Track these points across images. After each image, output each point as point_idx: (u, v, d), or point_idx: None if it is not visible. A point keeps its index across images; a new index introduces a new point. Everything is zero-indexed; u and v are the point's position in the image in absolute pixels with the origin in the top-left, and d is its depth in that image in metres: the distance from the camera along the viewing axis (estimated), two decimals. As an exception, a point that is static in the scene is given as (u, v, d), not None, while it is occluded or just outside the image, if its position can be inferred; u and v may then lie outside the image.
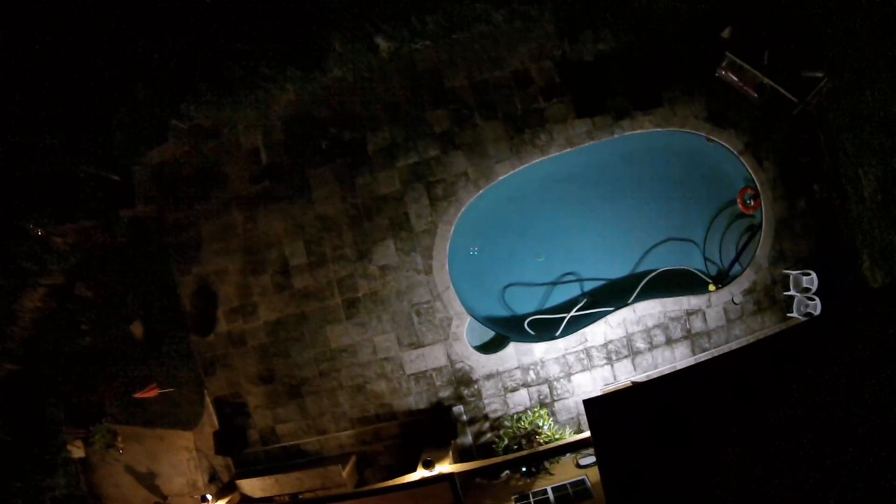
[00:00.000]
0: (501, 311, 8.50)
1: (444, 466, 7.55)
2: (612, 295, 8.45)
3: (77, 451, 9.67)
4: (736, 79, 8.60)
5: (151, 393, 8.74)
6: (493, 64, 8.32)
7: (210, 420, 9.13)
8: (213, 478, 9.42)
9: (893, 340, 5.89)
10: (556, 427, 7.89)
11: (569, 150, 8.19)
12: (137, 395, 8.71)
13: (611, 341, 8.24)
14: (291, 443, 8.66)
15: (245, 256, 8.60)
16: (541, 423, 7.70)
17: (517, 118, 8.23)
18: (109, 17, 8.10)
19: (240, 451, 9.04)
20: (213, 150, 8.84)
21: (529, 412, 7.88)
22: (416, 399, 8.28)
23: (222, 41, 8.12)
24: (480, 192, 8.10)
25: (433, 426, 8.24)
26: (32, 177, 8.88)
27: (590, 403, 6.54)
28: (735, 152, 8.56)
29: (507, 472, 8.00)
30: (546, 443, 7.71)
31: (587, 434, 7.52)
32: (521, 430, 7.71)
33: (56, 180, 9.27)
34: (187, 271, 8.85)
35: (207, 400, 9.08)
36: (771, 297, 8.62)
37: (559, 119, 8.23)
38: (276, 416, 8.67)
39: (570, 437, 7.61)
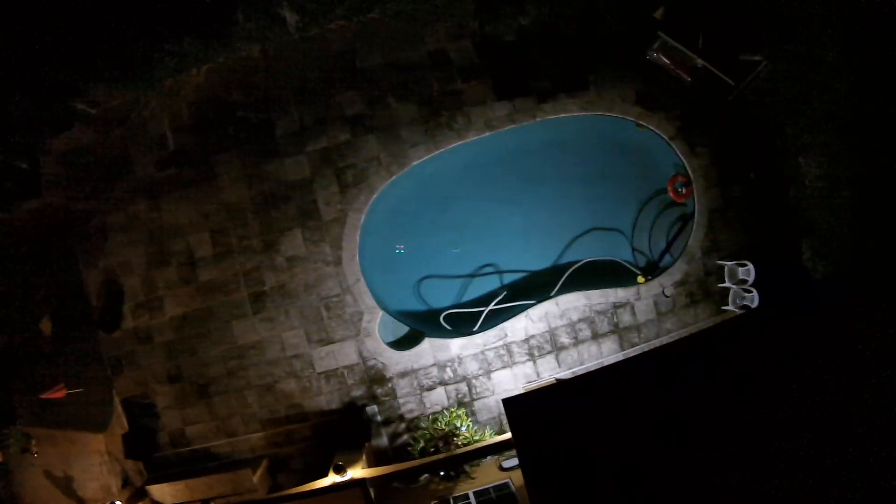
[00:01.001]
0: (416, 305, 7.70)
1: (357, 471, 6.70)
2: (535, 288, 7.67)
3: None
4: (668, 61, 7.84)
5: (59, 393, 7.84)
6: (409, 43, 7.52)
7: (120, 422, 8.26)
8: (126, 482, 8.47)
9: (838, 332, 5.15)
10: (476, 428, 7.05)
11: (488, 134, 7.39)
12: (44, 396, 7.78)
13: (533, 336, 7.41)
14: (202, 445, 7.80)
15: (150, 247, 7.77)
16: (458, 424, 6.90)
17: (433, 100, 7.45)
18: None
19: (150, 454, 8.13)
20: (120, 136, 7.97)
21: (446, 412, 7.02)
22: (327, 399, 7.43)
23: (121, 15, 7.22)
24: (393, 178, 7.30)
25: (346, 427, 7.44)
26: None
27: (510, 402, 5.94)
28: (666, 138, 7.79)
29: (427, 475, 7.11)
30: (465, 445, 6.88)
31: (509, 435, 6.65)
32: (438, 432, 6.90)
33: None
34: (93, 264, 8.01)
35: (116, 400, 8.16)
36: (705, 290, 7.83)
37: (478, 101, 7.44)
38: (185, 417, 7.79)
39: (491, 439, 6.81)
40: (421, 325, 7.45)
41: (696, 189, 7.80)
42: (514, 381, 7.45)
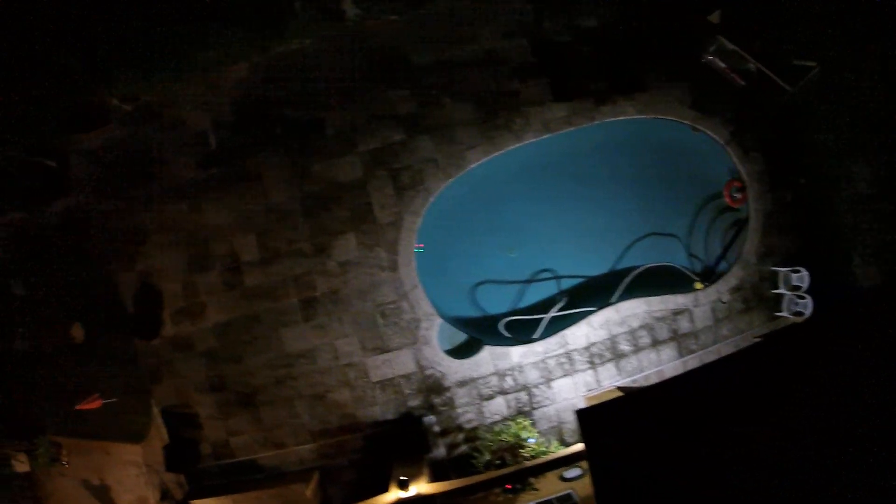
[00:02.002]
0: (473, 311, 7.15)
1: (421, 486, 6.07)
2: (592, 294, 7.19)
3: (21, 466, 7.91)
4: (724, 65, 7.29)
5: (94, 404, 7.14)
6: (463, 41, 6.86)
7: (159, 432, 7.53)
8: (164, 495, 7.73)
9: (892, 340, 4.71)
10: (542, 439, 6.43)
11: (546, 135, 6.78)
12: (79, 407, 7.02)
13: (593, 344, 6.91)
14: (247, 457, 7.16)
15: (191, 251, 7.09)
16: (524, 436, 6.27)
17: (490, 100, 6.81)
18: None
19: (192, 466, 7.39)
20: (156, 132, 7.25)
21: (511, 423, 6.42)
22: (382, 409, 6.83)
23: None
24: (451, 180, 6.69)
25: (402, 439, 6.83)
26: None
27: (584, 414, 5.43)
28: (721, 142, 7.27)
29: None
30: (532, 457, 6.30)
31: (578, 447, 6.10)
32: (504, 444, 6.29)
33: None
34: (129, 268, 7.28)
35: (154, 410, 7.44)
36: (759, 296, 7.42)
37: (535, 102, 6.90)
38: (229, 427, 7.11)
39: (560, 452, 6.27)
40: (479, 333, 6.88)
41: (751, 194, 7.34)
42: (574, 389, 6.94)
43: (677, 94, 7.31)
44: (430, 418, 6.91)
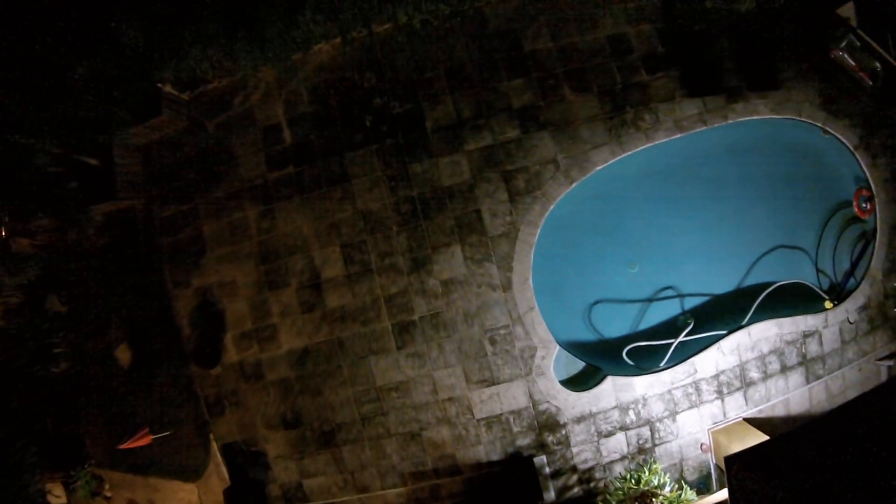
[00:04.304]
0: (589, 335, 5.70)
1: None
2: (718, 314, 5.86)
3: (56, 499, 6.07)
4: (853, 62, 5.81)
5: (143, 441, 5.52)
6: (583, 25, 5.28)
7: (218, 470, 5.86)
8: (219, 540, 5.99)
9: None
10: (674, 484, 4.90)
11: (678, 135, 5.20)
12: (124, 446, 5.30)
13: (723, 371, 5.48)
14: (324, 501, 5.43)
15: (261, 265, 5.37)
16: (656, 482, 4.73)
17: (616, 93, 5.22)
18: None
19: (254, 509, 5.67)
20: (220, 125, 5.48)
21: (646, 469, 4.89)
22: (487, 449, 5.24)
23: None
24: (574, 185, 5.10)
25: (509, 482, 5.17)
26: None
27: (733, 461, 4.18)
28: (850, 147, 5.82)
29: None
30: (668, 506, 4.79)
31: (720, 496, 4.61)
32: (633, 491, 4.73)
33: (18, 164, 5.54)
34: (185, 283, 5.56)
35: (214, 446, 5.77)
36: (883, 314, 6.01)
37: (665, 97, 5.43)
38: (303, 468, 5.45)
39: (700, 501, 4.64)
40: (597, 360, 5.30)
41: (878, 204, 5.92)
42: (699, 422, 5.51)
43: (808, 93, 5.88)
44: (541, 458, 5.39)
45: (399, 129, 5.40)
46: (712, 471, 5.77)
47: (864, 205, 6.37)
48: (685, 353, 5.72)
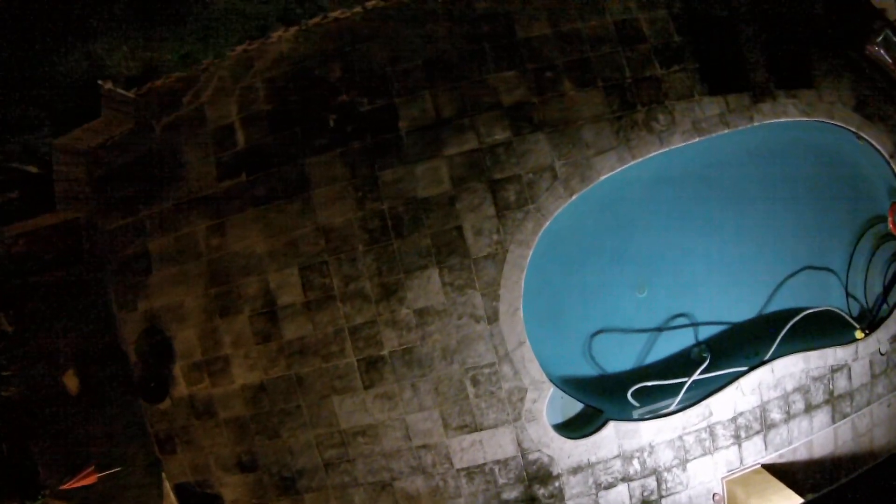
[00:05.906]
0: (589, 370, 4.61)
1: None
2: (737, 347, 4.80)
3: None
4: (890, 60, 4.65)
5: (88, 480, 4.47)
6: (586, 9, 4.07)
7: None
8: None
9: None
10: (684, 551, 3.88)
11: (697, 139, 4.06)
12: (67, 486, 4.30)
13: (741, 413, 4.47)
14: (282, 555, 4.37)
15: (210, 287, 4.29)
16: None
17: (625, 89, 4.06)
18: None
19: (208, 557, 4.67)
20: (168, 126, 4.33)
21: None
22: (467, 502, 4.16)
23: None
24: (574, 197, 3.98)
25: (492, 540, 4.11)
26: None
27: None
28: (886, 155, 4.71)
29: None
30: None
31: None
32: None
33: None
34: (131, 305, 4.41)
35: (167, 486, 4.64)
36: (916, 343, 4.81)
37: (682, 94, 4.32)
38: (259, 517, 4.33)
39: None
40: (597, 400, 4.22)
41: (914, 220, 4.80)
42: (713, 470, 4.48)
43: (840, 93, 4.72)
44: (531, 513, 4.32)
45: (368, 130, 4.27)
46: (726, 525, 4.77)
47: (900, 220, 5.27)
48: (697, 391, 4.67)
